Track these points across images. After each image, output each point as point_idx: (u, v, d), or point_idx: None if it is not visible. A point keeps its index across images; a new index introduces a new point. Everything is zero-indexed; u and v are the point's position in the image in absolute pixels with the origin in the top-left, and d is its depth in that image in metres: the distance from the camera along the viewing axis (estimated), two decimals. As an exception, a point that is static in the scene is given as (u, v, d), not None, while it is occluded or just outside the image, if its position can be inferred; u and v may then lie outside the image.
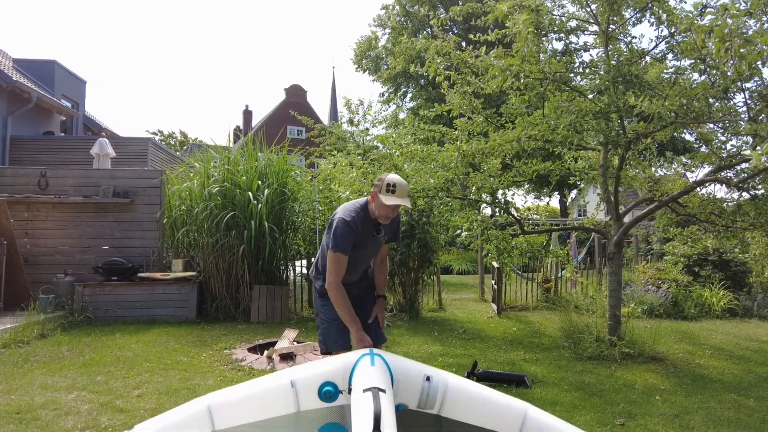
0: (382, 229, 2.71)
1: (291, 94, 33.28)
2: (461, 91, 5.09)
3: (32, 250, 7.00)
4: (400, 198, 2.51)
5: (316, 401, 1.57)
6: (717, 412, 3.56)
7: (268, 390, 1.60)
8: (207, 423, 1.51)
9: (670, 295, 7.54)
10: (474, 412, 1.60)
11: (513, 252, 5.40)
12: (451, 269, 14.00)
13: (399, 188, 2.51)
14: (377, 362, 1.53)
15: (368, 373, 1.47)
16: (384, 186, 2.52)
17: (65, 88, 13.67)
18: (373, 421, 1.22)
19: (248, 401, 1.58)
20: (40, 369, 4.22)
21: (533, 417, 1.57)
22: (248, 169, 6.93)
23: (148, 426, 1.47)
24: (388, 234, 2.76)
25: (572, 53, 5.20)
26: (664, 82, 4.75)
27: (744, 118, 4.23)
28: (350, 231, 2.54)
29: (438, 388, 1.57)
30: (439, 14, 5.67)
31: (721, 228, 5.25)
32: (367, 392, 1.35)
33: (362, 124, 14.43)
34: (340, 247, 2.52)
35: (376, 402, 1.29)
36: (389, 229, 2.76)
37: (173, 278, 6.61)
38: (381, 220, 2.61)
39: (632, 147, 4.95)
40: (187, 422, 1.50)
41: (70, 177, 7.26)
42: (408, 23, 21.30)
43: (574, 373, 4.36)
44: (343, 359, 1.61)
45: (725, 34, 3.33)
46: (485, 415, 1.60)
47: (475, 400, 1.62)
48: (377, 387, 1.36)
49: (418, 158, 5.66)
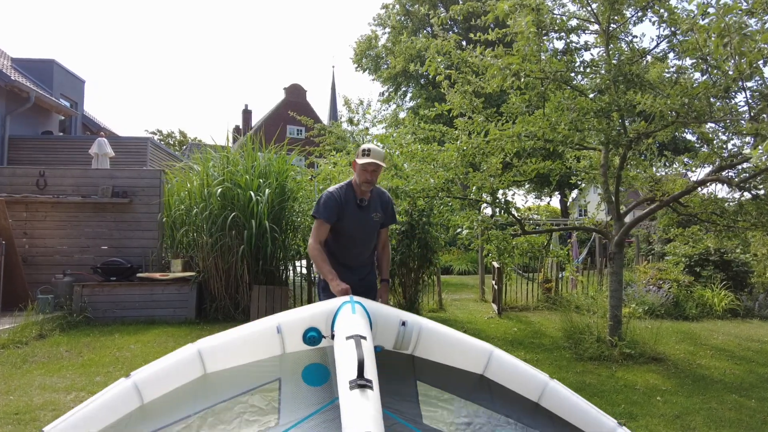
0: (372, 205, 2.89)
1: (290, 94, 33.25)
2: (461, 91, 5.07)
3: (31, 250, 6.98)
4: (374, 158, 2.75)
5: (300, 344, 1.69)
6: (718, 412, 3.55)
7: (255, 335, 1.69)
8: (199, 367, 1.60)
9: (671, 296, 7.53)
10: (444, 352, 1.75)
11: (513, 252, 5.38)
12: (451, 269, 13.98)
13: (373, 152, 2.77)
14: (357, 310, 1.62)
15: (350, 321, 1.56)
16: (360, 151, 2.81)
17: (64, 88, 13.64)
18: (357, 367, 1.33)
19: (237, 345, 1.67)
20: (39, 369, 4.21)
21: (497, 356, 1.74)
22: (248, 169, 6.91)
23: (143, 371, 1.54)
24: (380, 213, 2.93)
25: (573, 52, 5.17)
26: (665, 81, 4.73)
27: (745, 117, 4.23)
28: (332, 199, 2.80)
29: (412, 332, 1.70)
30: (440, 13, 5.66)
31: (723, 228, 5.24)
32: (350, 340, 1.44)
33: (362, 124, 14.39)
34: (321, 213, 2.80)
35: (359, 350, 1.39)
36: (381, 208, 2.94)
37: (172, 278, 6.59)
38: (363, 186, 2.82)
39: (633, 147, 4.93)
40: (180, 366, 1.58)
41: (68, 177, 7.24)
42: (408, 22, 21.29)
43: (575, 374, 4.36)
44: (326, 306, 1.70)
45: (722, 29, 3.31)
46: (454, 354, 1.75)
47: (446, 341, 1.76)
48: (359, 335, 1.45)
49: (418, 158, 5.64)
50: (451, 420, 1.68)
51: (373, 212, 2.90)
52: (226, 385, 1.64)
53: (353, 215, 2.84)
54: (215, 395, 1.61)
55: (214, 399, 1.60)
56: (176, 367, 1.59)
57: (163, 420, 1.53)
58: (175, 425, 1.53)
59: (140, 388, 1.53)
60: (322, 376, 1.70)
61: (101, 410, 1.48)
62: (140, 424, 1.51)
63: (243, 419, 1.59)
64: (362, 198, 2.86)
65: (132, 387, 1.52)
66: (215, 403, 1.60)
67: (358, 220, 2.86)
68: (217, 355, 1.64)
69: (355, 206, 2.86)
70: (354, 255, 2.90)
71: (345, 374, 1.35)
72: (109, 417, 1.48)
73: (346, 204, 2.84)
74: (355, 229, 2.87)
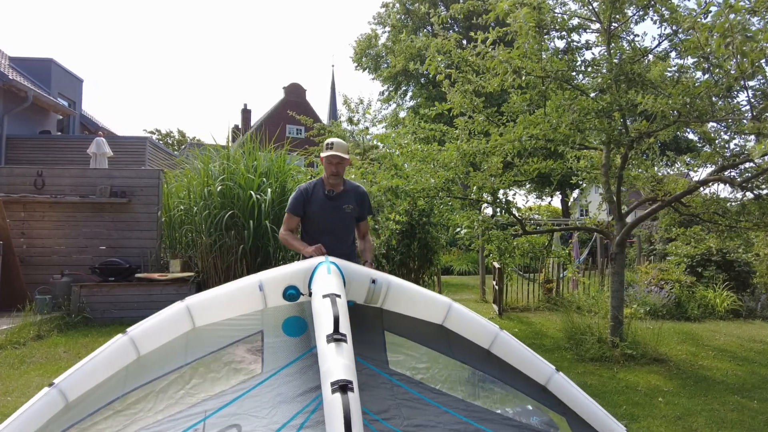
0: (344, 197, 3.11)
1: (290, 93, 33.15)
2: (462, 90, 5.05)
3: (29, 250, 6.95)
4: (337, 151, 2.99)
5: (280, 300, 1.88)
6: (720, 414, 3.53)
7: (239, 291, 1.86)
8: (188, 321, 1.76)
9: (673, 296, 7.48)
10: (409, 305, 1.97)
11: (514, 252, 5.36)
12: (451, 270, 13.96)
13: (336, 145, 3.02)
14: (332, 269, 1.82)
15: (326, 280, 1.75)
16: (324, 145, 3.05)
17: (62, 87, 13.61)
18: (333, 323, 1.51)
19: (222, 302, 1.84)
20: (37, 370, 4.18)
21: (456, 308, 1.96)
22: (249, 168, 6.89)
23: (138, 327, 1.69)
24: (354, 205, 3.14)
25: (574, 51, 5.15)
26: (667, 80, 4.71)
27: (747, 116, 4.21)
28: (298, 192, 3.13)
29: (381, 288, 1.91)
30: (440, 12, 5.63)
31: (725, 228, 5.22)
32: (326, 298, 1.62)
33: (362, 123, 14.33)
34: (289, 207, 3.15)
35: (334, 307, 1.57)
36: (355, 201, 3.15)
37: (171, 279, 6.56)
38: (331, 179, 3.07)
39: (635, 146, 4.91)
40: (171, 321, 1.74)
41: (66, 176, 7.21)
42: (408, 21, 21.25)
43: (576, 375, 4.33)
44: (303, 266, 1.90)
45: (726, 29, 3.29)
46: (418, 306, 1.97)
47: (411, 296, 1.98)
48: (334, 293, 1.64)
49: (418, 158, 5.61)
50: (413, 365, 1.89)
51: (345, 204, 3.12)
52: (214, 337, 1.79)
53: (321, 204, 3.10)
54: (204, 347, 1.76)
55: (203, 350, 1.75)
56: (168, 322, 1.73)
57: (158, 371, 1.68)
58: (169, 375, 1.68)
59: (136, 343, 1.67)
60: (300, 328, 1.89)
61: (102, 364, 1.63)
62: (138, 375, 1.66)
63: (231, 368, 1.75)
64: (331, 189, 3.10)
65: (128, 341, 1.67)
66: (204, 354, 1.75)
67: (326, 209, 3.10)
68: (205, 310, 1.79)
69: (323, 196, 3.10)
70: (326, 244, 3.02)
71: (322, 329, 1.53)
72: (108, 370, 1.63)
73: (314, 195, 3.11)
74: (323, 218, 3.11)
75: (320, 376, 1.46)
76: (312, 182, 3.20)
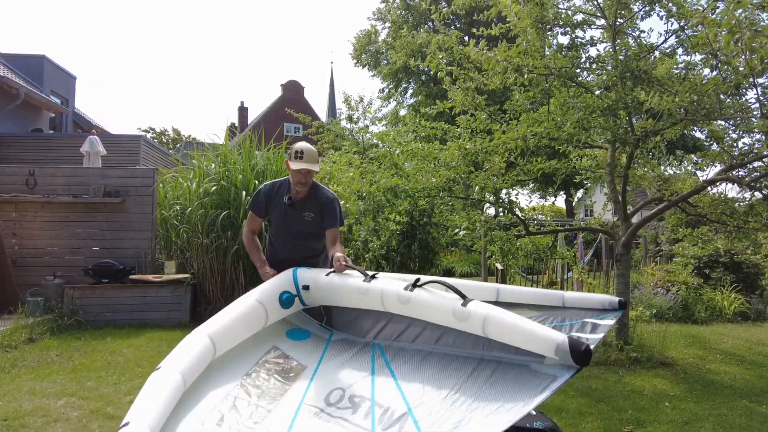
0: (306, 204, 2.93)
1: (288, 90, 32.99)
2: (464, 87, 4.97)
3: (20, 251, 6.84)
4: (307, 163, 2.78)
5: (279, 310, 2.21)
6: (728, 419, 3.47)
7: (244, 312, 2.05)
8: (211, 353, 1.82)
9: (679, 298, 7.37)
10: (341, 299, 2.33)
11: (518, 253, 5.31)
12: (453, 271, 13.84)
13: (306, 154, 2.79)
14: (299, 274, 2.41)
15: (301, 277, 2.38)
16: (292, 153, 2.80)
17: (54, 84, 13.46)
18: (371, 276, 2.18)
19: (234, 326, 1.97)
20: (29, 374, 4.11)
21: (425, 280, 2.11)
22: (245, 168, 6.79)
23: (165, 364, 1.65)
24: (314, 214, 2.94)
25: (578, 48, 5.06)
26: (673, 77, 4.64)
27: (756, 114, 4.15)
28: (260, 192, 3.02)
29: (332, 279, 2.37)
30: (441, 8, 5.54)
31: (733, 228, 5.16)
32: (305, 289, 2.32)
33: (362, 121, 14.20)
34: (251, 205, 3.08)
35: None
36: (318, 209, 2.94)
37: (166, 280, 6.46)
38: (297, 187, 2.87)
39: (641, 145, 4.84)
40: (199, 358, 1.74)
41: (59, 176, 7.09)
42: (409, 17, 21.13)
43: (581, 379, 4.25)
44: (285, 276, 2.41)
45: (734, 26, 3.22)
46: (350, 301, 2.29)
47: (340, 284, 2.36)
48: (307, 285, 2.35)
49: (419, 157, 5.52)
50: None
51: (306, 212, 2.94)
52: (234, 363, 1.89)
53: (280, 210, 2.96)
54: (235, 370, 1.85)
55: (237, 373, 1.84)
56: (195, 360, 1.72)
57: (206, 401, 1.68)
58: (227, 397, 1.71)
59: (185, 379, 1.64)
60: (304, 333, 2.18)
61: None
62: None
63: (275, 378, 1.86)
64: (290, 196, 2.93)
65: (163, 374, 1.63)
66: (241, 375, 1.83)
67: (285, 215, 2.96)
68: (223, 340, 1.89)
69: (283, 202, 2.94)
70: (288, 249, 3.01)
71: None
72: None
73: (276, 198, 2.97)
74: (282, 224, 2.99)
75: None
76: (276, 183, 3.01)
